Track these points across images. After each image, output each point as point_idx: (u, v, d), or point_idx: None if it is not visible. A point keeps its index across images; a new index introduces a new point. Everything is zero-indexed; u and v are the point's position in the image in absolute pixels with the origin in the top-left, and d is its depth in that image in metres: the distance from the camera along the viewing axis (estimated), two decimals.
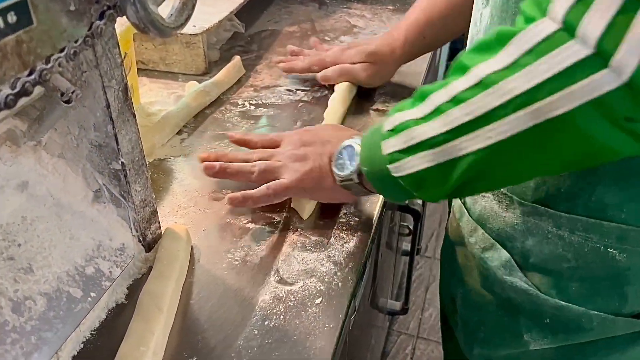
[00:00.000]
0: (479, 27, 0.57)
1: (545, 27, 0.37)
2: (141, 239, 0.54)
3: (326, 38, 1.00)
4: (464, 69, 0.42)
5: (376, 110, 0.80)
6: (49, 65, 0.35)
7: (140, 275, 0.54)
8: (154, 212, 0.55)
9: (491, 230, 0.58)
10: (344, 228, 0.60)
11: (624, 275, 0.51)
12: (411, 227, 1.07)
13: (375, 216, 0.61)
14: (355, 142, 0.54)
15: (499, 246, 0.57)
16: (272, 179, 0.60)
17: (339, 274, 0.54)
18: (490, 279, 0.59)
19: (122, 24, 0.71)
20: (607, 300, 0.53)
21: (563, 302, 0.54)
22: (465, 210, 0.62)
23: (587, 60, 0.35)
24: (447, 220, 0.70)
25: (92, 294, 0.49)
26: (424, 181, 0.46)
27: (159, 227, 0.56)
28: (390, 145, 0.47)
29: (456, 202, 0.65)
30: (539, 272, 0.55)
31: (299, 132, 0.65)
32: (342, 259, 0.56)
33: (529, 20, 0.39)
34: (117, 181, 0.50)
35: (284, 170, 0.60)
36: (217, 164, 0.62)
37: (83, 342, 0.48)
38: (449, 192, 0.46)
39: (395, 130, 0.47)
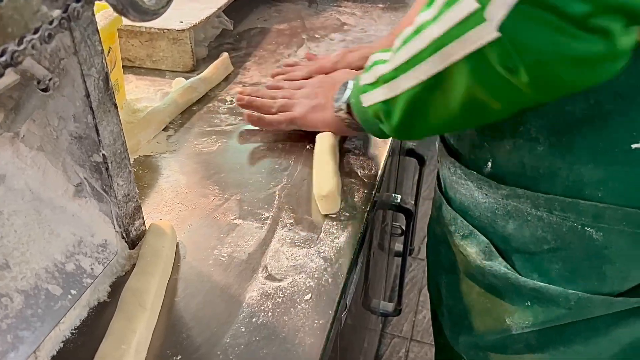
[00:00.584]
0: None
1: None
2: (124, 235, 0.53)
3: (316, 36, 0.98)
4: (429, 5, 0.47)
5: None
6: (22, 46, 0.33)
7: (124, 273, 0.52)
8: (138, 208, 0.53)
9: (472, 218, 0.58)
10: (334, 223, 0.58)
11: (602, 254, 0.51)
12: (403, 227, 1.06)
13: (366, 210, 0.60)
14: (352, 80, 0.62)
15: (478, 232, 0.58)
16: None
17: (329, 269, 0.53)
18: (471, 265, 0.59)
19: (106, 17, 0.69)
20: (587, 280, 0.53)
21: (541, 283, 0.54)
22: (444, 200, 0.63)
23: (475, 12, 0.39)
24: (431, 212, 0.70)
25: (73, 292, 0.47)
26: (379, 114, 0.53)
27: (144, 223, 0.55)
28: (363, 79, 0.56)
29: (436, 193, 0.66)
30: (521, 255, 0.56)
31: (320, 77, 0.75)
32: (332, 254, 0.55)
33: None
34: (98, 175, 0.49)
35: (297, 105, 0.70)
36: (246, 97, 0.73)
37: (63, 342, 0.46)
38: (397, 127, 0.52)
39: (370, 67, 0.55)
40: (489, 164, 0.55)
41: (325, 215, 0.59)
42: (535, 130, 0.49)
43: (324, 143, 0.66)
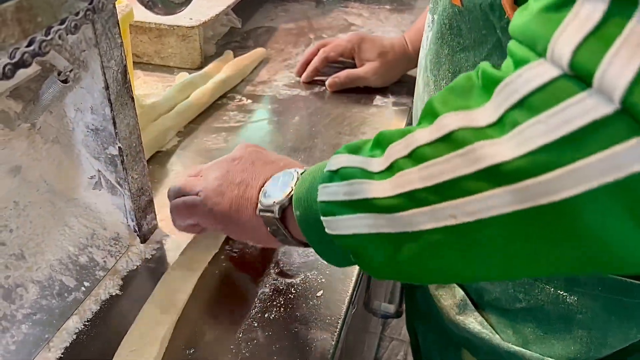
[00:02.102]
0: (426, 50, 0.55)
1: (544, 71, 0.26)
2: (137, 229, 0.53)
3: (323, 36, 0.99)
4: (433, 115, 0.31)
5: (376, 105, 0.79)
6: (49, 36, 0.34)
7: (135, 267, 0.52)
8: (150, 202, 0.53)
9: None
10: None
11: (576, 318, 0.48)
12: None
13: None
14: (297, 172, 0.43)
15: (455, 285, 0.54)
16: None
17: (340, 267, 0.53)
18: (444, 318, 0.56)
19: (118, 13, 0.69)
20: (563, 343, 0.49)
21: (516, 347, 0.51)
22: None
23: (609, 120, 0.24)
24: None
25: (86, 284, 0.47)
26: (362, 249, 0.35)
27: (155, 217, 0.55)
28: (328, 193, 0.36)
29: None
30: (494, 311, 0.53)
31: (247, 148, 0.51)
32: None
33: (520, 62, 0.28)
34: (113, 167, 0.49)
35: (201, 181, 0.49)
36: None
37: (76, 333, 0.46)
38: (391, 272, 0.36)
39: (339, 175, 0.36)
40: None
41: None
42: None
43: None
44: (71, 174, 0.50)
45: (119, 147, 0.47)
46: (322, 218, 0.36)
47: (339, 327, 0.47)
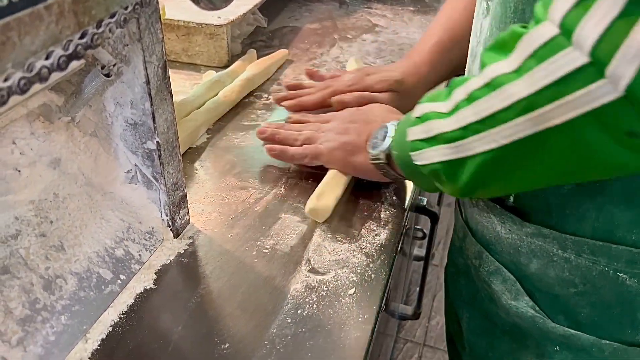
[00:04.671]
0: (479, 38, 0.54)
1: (547, 30, 0.35)
2: (170, 223, 0.53)
3: (348, 36, 0.99)
4: (483, 66, 0.41)
5: None
6: (100, 29, 0.34)
7: (168, 261, 0.52)
8: (184, 197, 0.54)
9: (495, 253, 0.55)
10: (374, 220, 0.59)
11: (636, 301, 0.48)
12: (425, 231, 1.05)
13: (406, 209, 0.60)
14: (392, 125, 0.55)
15: (504, 269, 0.54)
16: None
17: (371, 265, 0.53)
18: (495, 303, 0.56)
19: None
20: (619, 327, 0.50)
21: (572, 331, 0.51)
22: (468, 231, 0.59)
23: (583, 69, 0.33)
24: (451, 239, 0.67)
25: (122, 277, 0.48)
26: (439, 174, 0.46)
27: (187, 212, 0.55)
28: (414, 133, 0.48)
29: (458, 222, 0.63)
30: (546, 296, 0.52)
31: (350, 110, 0.66)
32: (373, 251, 0.55)
33: (537, 21, 0.37)
34: (150, 162, 0.49)
35: (325, 139, 0.63)
36: (268, 129, 0.66)
37: (111, 325, 0.46)
38: (463, 189, 0.45)
39: (421, 119, 0.47)
40: (511, 197, 0.52)
41: (366, 212, 0.59)
42: None
43: None
44: (108, 168, 0.50)
45: (157, 141, 0.47)
46: (410, 153, 0.48)
47: (371, 326, 0.47)
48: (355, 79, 0.72)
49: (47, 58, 0.31)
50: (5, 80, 0.28)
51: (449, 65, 0.73)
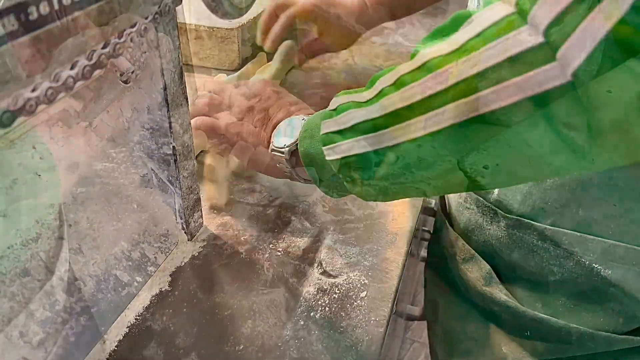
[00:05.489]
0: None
1: (499, 10, 0.33)
2: (184, 226, 0.54)
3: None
4: (415, 54, 0.38)
5: None
6: (122, 39, 0.35)
7: (183, 263, 0.53)
8: (198, 201, 0.55)
9: (476, 242, 0.57)
10: (385, 223, 0.59)
11: (609, 292, 0.49)
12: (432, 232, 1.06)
13: (418, 209, 0.61)
14: (304, 118, 0.50)
15: (479, 257, 0.56)
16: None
17: (382, 268, 0.54)
18: (470, 290, 0.58)
19: None
20: (593, 315, 0.51)
21: (542, 315, 0.52)
22: (445, 220, 0.61)
23: (536, 48, 0.31)
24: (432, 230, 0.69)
25: (138, 279, 0.49)
26: (351, 170, 0.42)
27: (201, 215, 0.56)
28: (328, 126, 0.43)
29: (437, 212, 0.64)
30: (526, 284, 0.54)
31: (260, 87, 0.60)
32: (384, 253, 0.56)
33: (488, 3, 0.35)
34: (166, 166, 0.50)
35: (224, 114, 0.58)
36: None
37: (128, 327, 0.47)
38: (375, 187, 0.41)
39: (336, 110, 0.43)
40: (495, 191, 0.54)
41: (376, 213, 0.60)
42: None
43: None
44: (124, 172, 0.51)
45: (173, 146, 0.48)
46: (323, 148, 0.43)
47: (384, 329, 0.48)
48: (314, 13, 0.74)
49: (72, 68, 0.32)
50: (34, 90, 0.29)
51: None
